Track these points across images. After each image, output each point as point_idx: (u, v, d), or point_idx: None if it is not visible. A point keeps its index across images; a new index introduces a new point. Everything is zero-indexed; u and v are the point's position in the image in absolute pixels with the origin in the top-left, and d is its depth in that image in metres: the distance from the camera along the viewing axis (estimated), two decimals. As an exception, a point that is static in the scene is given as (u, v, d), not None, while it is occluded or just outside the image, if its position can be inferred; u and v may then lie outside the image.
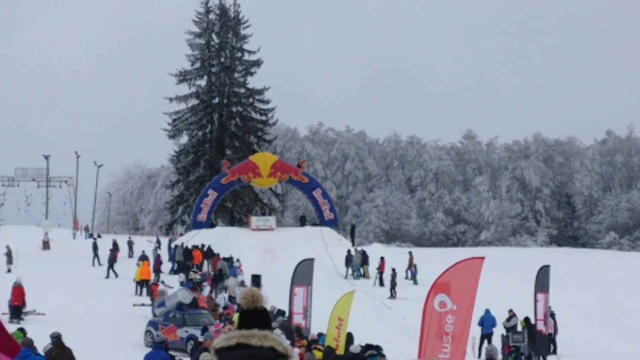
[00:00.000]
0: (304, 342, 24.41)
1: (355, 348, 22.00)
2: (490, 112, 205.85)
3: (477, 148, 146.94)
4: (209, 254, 57.35)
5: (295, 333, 28.08)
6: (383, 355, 18.99)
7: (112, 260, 56.17)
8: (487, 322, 35.21)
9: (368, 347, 21.74)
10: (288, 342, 22.98)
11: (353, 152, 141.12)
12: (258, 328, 6.95)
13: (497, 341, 35.33)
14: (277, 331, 26.82)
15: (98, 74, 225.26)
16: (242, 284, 44.71)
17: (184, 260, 56.83)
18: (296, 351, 9.78)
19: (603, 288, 59.82)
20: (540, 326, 31.43)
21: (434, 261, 62.79)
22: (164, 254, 60.31)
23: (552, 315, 35.41)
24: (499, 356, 14.88)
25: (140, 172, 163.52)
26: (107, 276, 54.66)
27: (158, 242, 69.85)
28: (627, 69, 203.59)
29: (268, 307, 36.24)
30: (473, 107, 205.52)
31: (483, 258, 17.42)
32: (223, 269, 50.19)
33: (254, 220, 70.83)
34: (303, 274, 32.79)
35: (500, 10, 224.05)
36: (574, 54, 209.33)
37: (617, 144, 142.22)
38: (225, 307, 37.40)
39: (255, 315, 7.00)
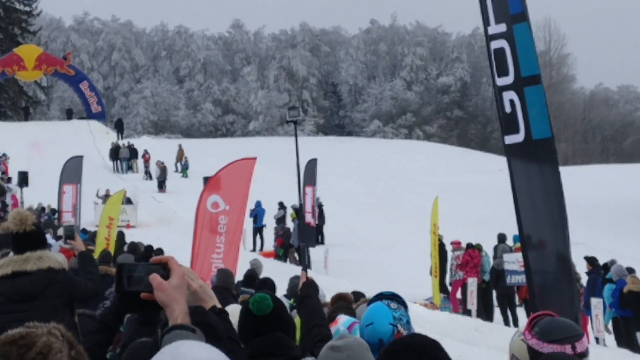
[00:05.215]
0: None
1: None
2: (257, 1, 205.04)
3: (244, 38, 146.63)
4: (-30, 150, 55.29)
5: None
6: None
7: None
8: (260, 215, 35.96)
9: (141, 247, 21.77)
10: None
11: (120, 42, 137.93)
12: (31, 250, 6.81)
13: (269, 233, 36.28)
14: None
15: None
16: (8, 180, 43.47)
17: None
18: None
19: (368, 175, 61.83)
20: (308, 218, 32.33)
21: (204, 154, 62.95)
22: None
23: (320, 207, 36.48)
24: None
25: None
26: None
27: None
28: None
29: (35, 206, 35.48)
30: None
31: (255, 159, 17.61)
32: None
33: None
34: (72, 171, 32.28)
35: None
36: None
37: (380, 33, 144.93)
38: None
39: (25, 237, 6.85)
